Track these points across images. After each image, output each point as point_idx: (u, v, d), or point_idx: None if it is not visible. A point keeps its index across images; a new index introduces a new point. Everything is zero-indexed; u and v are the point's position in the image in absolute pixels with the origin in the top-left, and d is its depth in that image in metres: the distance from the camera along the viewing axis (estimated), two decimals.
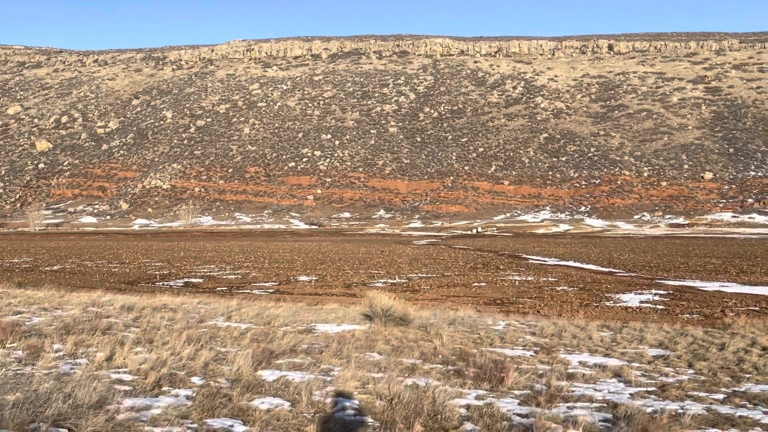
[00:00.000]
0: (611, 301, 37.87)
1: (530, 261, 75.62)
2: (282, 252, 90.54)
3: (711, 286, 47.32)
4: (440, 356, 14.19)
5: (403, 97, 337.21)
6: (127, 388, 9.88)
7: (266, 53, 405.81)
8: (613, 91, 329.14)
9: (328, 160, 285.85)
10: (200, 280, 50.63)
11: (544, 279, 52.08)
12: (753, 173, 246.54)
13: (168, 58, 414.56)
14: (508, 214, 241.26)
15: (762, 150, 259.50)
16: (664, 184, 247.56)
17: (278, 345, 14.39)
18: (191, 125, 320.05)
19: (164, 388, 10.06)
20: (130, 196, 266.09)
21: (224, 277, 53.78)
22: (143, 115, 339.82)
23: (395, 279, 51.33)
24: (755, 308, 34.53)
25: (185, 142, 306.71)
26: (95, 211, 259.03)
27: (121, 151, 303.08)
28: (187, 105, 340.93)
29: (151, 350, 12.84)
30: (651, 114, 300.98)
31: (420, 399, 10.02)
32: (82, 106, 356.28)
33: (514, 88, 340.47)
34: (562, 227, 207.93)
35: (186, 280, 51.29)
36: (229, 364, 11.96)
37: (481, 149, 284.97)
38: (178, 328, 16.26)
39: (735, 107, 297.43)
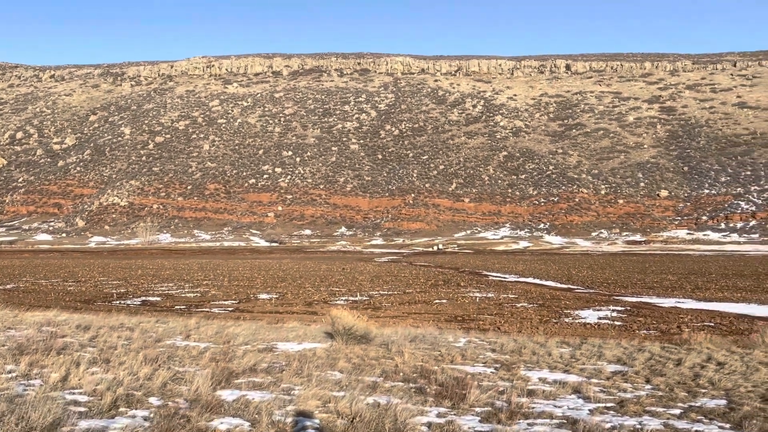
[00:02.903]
0: (570, 318, 38.24)
1: (490, 278, 76.10)
2: (242, 270, 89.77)
3: (667, 302, 48.10)
4: (401, 374, 14.17)
5: (364, 114, 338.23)
6: (82, 409, 9.67)
7: (227, 70, 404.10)
8: (570, 110, 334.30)
9: (288, 177, 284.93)
10: (158, 299, 49.90)
11: (504, 295, 52.42)
12: (707, 191, 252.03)
13: (127, 74, 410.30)
14: (468, 231, 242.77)
15: (715, 168, 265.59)
16: (621, 201, 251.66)
17: (238, 364, 14.23)
18: (150, 141, 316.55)
19: (121, 409, 9.87)
20: (86, 213, 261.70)
21: (183, 295, 53.09)
22: (101, 132, 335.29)
23: (357, 296, 51.21)
24: (710, 324, 35.17)
25: (144, 158, 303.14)
26: (51, 228, 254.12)
27: (78, 168, 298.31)
28: (146, 121, 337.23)
29: (107, 370, 12.60)
30: (608, 133, 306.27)
31: (381, 417, 9.97)
32: (38, 122, 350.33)
33: (474, 106, 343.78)
34: (522, 244, 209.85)
35: (144, 298, 50.51)
36: (188, 383, 11.78)
37: (441, 167, 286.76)
38: (136, 347, 15.99)
39: (689, 127, 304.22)
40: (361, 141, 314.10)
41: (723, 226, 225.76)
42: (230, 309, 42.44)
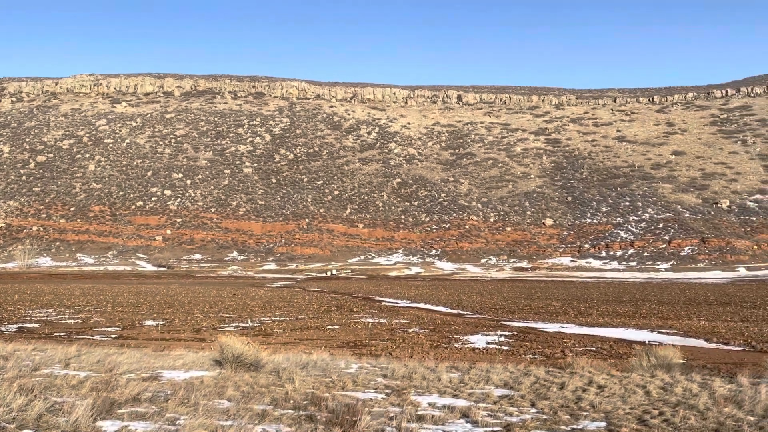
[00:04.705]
0: (460, 343, 38.90)
1: (383, 303, 76.57)
2: (127, 295, 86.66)
3: (552, 327, 49.76)
4: (292, 401, 13.99)
5: (258, 138, 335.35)
6: None
7: (115, 88, 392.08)
8: (461, 140, 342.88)
9: (178, 199, 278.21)
10: (36, 325, 47.46)
11: (397, 321, 52.83)
12: (589, 220, 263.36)
13: (7, 89, 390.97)
14: (362, 257, 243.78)
15: (597, 199, 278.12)
16: (508, 229, 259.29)
17: (120, 393, 13.67)
18: (31, 160, 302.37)
19: None
20: None
21: (63, 321, 50.71)
22: None
23: (247, 323, 50.38)
24: (592, 348, 36.57)
25: (24, 178, 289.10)
26: None
27: None
28: (27, 139, 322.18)
29: None
30: (497, 162, 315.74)
31: None
32: None
33: (369, 133, 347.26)
34: (414, 270, 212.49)
35: (20, 325, 47.92)
36: (66, 414, 11.21)
37: (336, 192, 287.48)
38: (10, 377, 15.10)
39: (573, 158, 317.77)
40: (255, 164, 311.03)
41: (604, 254, 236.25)
42: (114, 336, 40.88)
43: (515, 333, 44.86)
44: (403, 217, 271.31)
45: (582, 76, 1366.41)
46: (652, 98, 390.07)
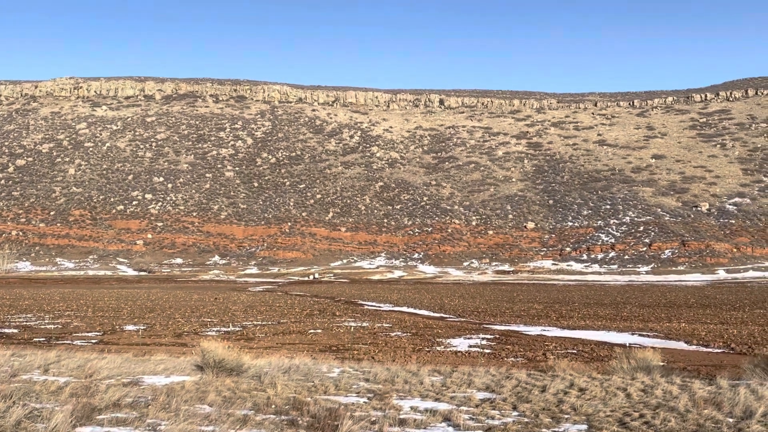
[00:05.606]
0: (442, 346, 38.95)
1: (366, 307, 76.56)
2: (107, 300, 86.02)
3: (534, 330, 49.96)
4: (274, 406, 13.95)
5: (240, 141, 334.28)
6: None
7: (95, 92, 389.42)
8: (444, 144, 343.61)
9: (160, 203, 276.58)
10: (15, 331, 47.01)
11: (379, 325, 52.82)
12: (570, 224, 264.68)
13: None
14: (345, 261, 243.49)
15: (578, 202, 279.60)
16: (490, 232, 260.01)
17: (101, 399, 13.57)
18: (10, 165, 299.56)
19: None
20: None
21: (42, 327, 50.26)
22: None
23: (229, 327, 50.21)
24: (573, 351, 36.75)
25: (2, 182, 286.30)
26: None
27: None
28: (6, 143, 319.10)
29: None
30: (479, 166, 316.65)
31: None
32: None
33: (351, 137, 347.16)
34: (397, 273, 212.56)
35: None
36: (45, 421, 11.11)
37: (318, 196, 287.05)
38: None
39: (554, 162, 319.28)
40: (237, 168, 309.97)
41: (585, 257, 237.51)
42: (94, 341, 40.58)
43: (497, 336, 45.00)
44: (385, 220, 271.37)
45: (563, 80, 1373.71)
46: (633, 102, 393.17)
